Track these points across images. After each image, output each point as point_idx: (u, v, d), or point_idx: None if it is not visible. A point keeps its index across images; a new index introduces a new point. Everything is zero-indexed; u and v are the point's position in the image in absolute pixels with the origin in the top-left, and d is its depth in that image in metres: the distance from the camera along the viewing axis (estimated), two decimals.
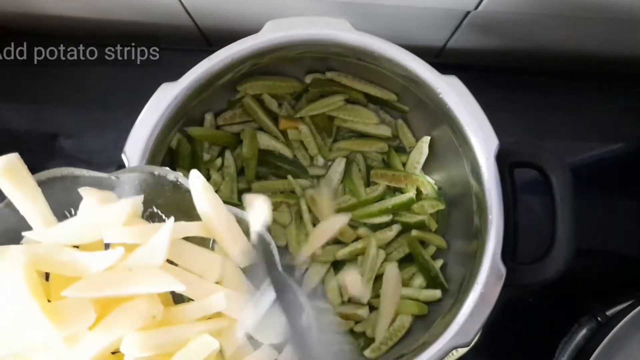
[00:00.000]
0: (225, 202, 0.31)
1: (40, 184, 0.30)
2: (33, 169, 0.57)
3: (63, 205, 0.31)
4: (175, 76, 0.41)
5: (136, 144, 0.40)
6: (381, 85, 0.50)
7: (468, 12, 0.49)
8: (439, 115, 0.44)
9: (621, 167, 0.60)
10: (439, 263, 0.49)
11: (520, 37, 0.54)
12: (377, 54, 0.41)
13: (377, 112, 0.52)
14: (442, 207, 0.50)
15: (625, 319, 0.47)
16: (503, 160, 0.40)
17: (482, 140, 0.40)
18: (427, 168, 0.51)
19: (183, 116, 0.44)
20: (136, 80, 0.55)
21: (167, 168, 0.32)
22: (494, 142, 0.40)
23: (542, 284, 0.41)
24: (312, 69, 0.51)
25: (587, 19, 0.49)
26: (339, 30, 0.41)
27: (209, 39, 0.60)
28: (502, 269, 0.39)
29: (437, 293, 0.48)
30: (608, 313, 0.51)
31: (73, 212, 0.31)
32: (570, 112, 0.60)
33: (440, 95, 0.41)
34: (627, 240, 0.58)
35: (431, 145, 0.50)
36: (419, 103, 0.46)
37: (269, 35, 0.41)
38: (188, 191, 0.31)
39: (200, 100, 0.44)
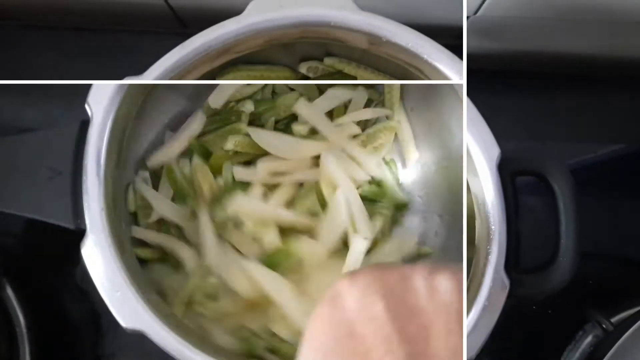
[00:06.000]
0: None
1: None
2: None
3: None
4: (145, 64, 0.36)
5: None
6: (388, 73, 0.44)
7: (467, 17, 0.48)
8: None
9: (624, 168, 0.59)
10: None
11: (520, 40, 0.54)
12: (385, 39, 0.34)
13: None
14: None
15: (634, 327, 0.46)
16: (505, 169, 0.39)
17: (484, 149, 0.39)
18: None
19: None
20: (101, 69, 0.48)
21: None
22: (495, 151, 0.39)
23: (546, 295, 0.40)
24: (307, 56, 0.44)
25: (587, 21, 0.48)
26: (341, 11, 0.35)
27: (183, 20, 0.52)
28: (506, 281, 0.38)
29: None
30: (613, 320, 0.50)
31: None
32: (571, 114, 0.59)
33: None
34: (633, 244, 0.57)
35: None
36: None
37: (254, 17, 0.35)
38: None
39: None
